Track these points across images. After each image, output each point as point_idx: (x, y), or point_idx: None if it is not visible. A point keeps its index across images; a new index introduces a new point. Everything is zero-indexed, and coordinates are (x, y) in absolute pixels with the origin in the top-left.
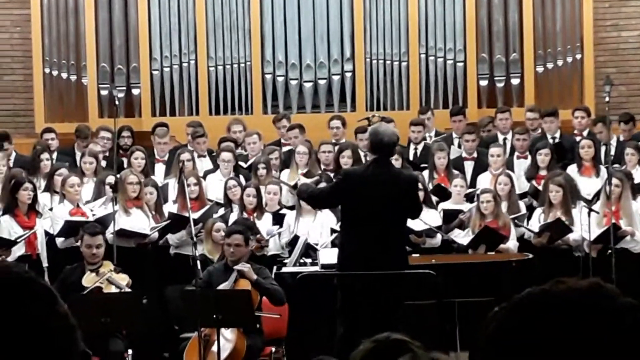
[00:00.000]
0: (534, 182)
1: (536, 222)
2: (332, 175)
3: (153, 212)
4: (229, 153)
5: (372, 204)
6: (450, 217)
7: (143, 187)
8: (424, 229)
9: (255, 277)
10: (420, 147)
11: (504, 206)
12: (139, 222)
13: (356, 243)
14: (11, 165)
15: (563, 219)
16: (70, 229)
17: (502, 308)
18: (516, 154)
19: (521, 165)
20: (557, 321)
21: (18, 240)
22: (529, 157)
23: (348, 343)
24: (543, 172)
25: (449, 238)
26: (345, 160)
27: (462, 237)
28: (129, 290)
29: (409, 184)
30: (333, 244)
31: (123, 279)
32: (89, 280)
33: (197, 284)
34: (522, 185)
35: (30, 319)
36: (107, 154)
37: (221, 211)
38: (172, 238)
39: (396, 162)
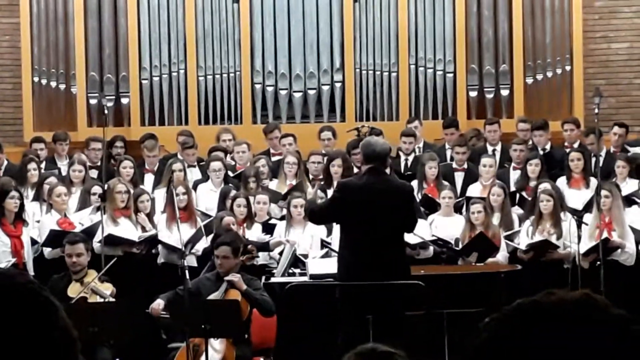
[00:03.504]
0: (524, 194)
1: (524, 233)
2: (322, 183)
3: (143, 223)
4: (218, 162)
5: (369, 213)
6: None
7: (131, 197)
8: (417, 242)
9: (245, 287)
10: (410, 158)
11: (496, 217)
12: (127, 231)
13: (355, 253)
14: (1, 174)
15: (552, 230)
16: (56, 238)
17: (493, 319)
18: (513, 164)
19: (516, 176)
20: (548, 332)
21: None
22: None
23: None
24: (533, 183)
25: (441, 250)
26: (336, 169)
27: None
28: (113, 299)
29: (405, 194)
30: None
31: (107, 288)
32: (73, 290)
33: (179, 291)
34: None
35: (31, 330)
36: (99, 163)
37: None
38: (163, 251)
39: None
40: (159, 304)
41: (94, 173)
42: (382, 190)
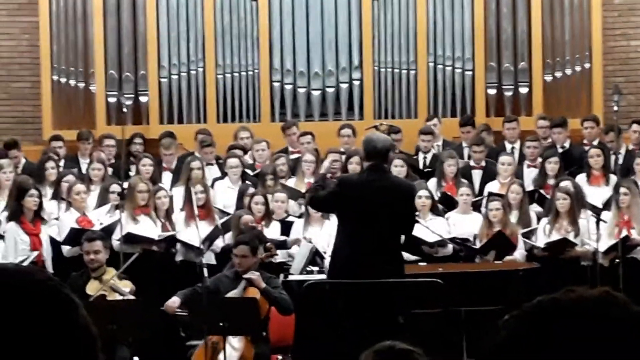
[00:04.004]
0: (542, 191)
1: (542, 232)
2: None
3: (163, 220)
4: (235, 159)
5: (367, 210)
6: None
7: (152, 195)
8: (436, 240)
9: (263, 285)
10: (429, 155)
11: (514, 215)
12: (148, 229)
13: (350, 249)
14: (19, 172)
15: (569, 228)
16: (75, 236)
17: (512, 316)
18: (526, 162)
19: (531, 174)
20: (568, 330)
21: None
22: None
23: (353, 349)
24: (551, 181)
25: (460, 248)
26: (354, 167)
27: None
28: (132, 297)
29: (406, 193)
30: None
31: (126, 286)
32: (92, 288)
33: (198, 289)
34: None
35: (52, 328)
36: (113, 160)
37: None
38: (181, 249)
39: (402, 169)
40: (174, 301)
41: (109, 170)
42: (381, 187)
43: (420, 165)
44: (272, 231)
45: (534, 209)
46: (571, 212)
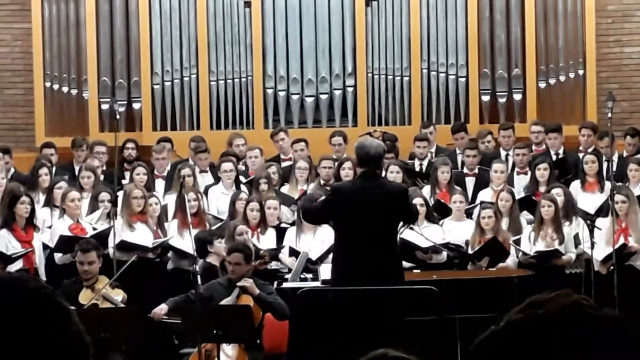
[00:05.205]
0: (534, 198)
1: (526, 239)
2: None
3: (155, 228)
4: (229, 163)
5: (362, 217)
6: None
7: (147, 202)
8: (429, 246)
9: (257, 291)
10: (425, 162)
11: (505, 222)
12: (143, 236)
13: (349, 257)
14: (8, 178)
15: (554, 236)
16: (65, 244)
17: (484, 339)
18: (516, 169)
19: (521, 181)
20: (542, 345)
21: (14, 257)
22: (529, 173)
23: (347, 356)
24: (542, 188)
25: (454, 255)
26: (346, 172)
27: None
28: (124, 305)
29: (398, 195)
30: None
31: (118, 294)
32: (85, 297)
33: (191, 296)
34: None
35: (45, 335)
36: (105, 167)
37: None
38: (173, 257)
39: (397, 175)
40: (161, 308)
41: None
42: (374, 194)
43: None
44: (268, 238)
45: (526, 216)
46: (556, 220)
